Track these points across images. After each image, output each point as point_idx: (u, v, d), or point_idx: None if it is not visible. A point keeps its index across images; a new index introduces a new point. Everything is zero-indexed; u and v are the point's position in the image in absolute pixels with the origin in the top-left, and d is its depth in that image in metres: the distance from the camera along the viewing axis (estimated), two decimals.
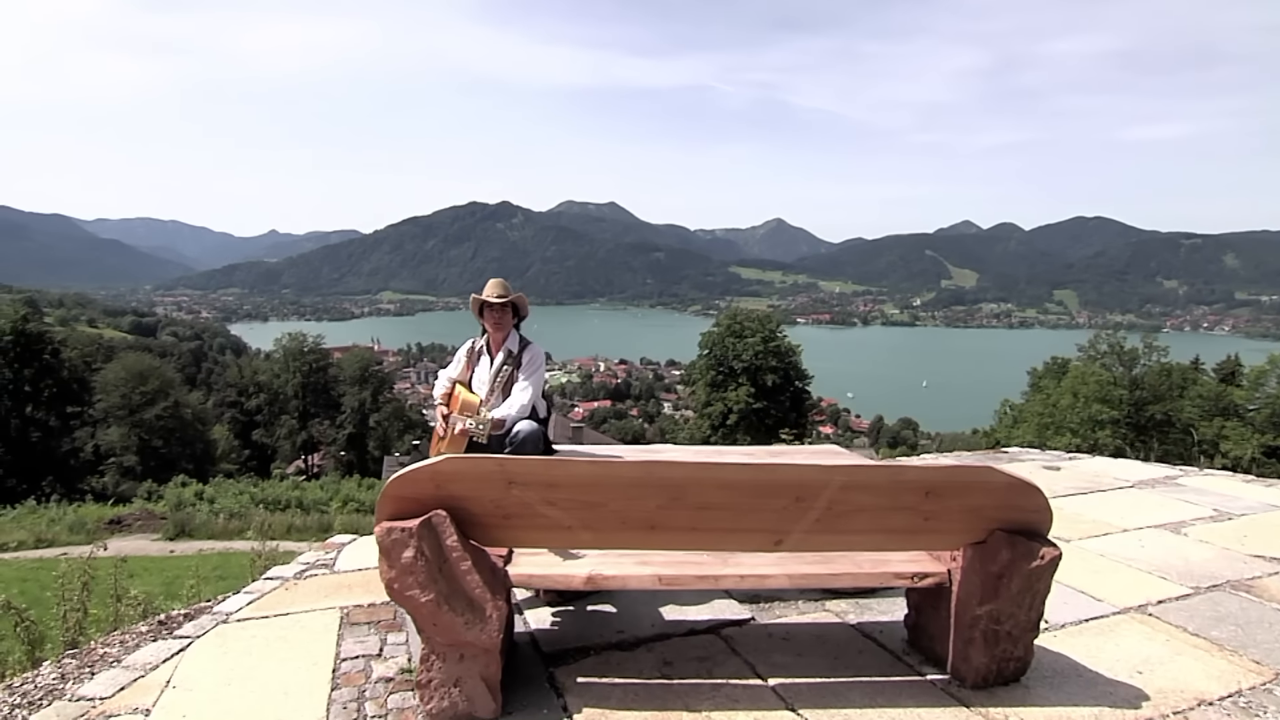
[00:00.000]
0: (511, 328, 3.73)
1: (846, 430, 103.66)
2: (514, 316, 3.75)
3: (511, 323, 3.73)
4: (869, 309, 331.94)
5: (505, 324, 3.69)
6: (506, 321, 3.69)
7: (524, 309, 3.79)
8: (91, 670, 3.04)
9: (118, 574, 5.08)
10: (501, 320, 3.67)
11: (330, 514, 25.62)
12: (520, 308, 3.77)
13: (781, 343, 41.16)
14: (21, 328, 40.17)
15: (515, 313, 3.76)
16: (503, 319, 3.68)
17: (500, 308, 3.65)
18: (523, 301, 3.77)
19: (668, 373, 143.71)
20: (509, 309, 3.70)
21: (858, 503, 2.44)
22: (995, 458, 6.72)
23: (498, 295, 3.67)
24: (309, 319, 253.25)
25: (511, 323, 3.73)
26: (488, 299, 3.67)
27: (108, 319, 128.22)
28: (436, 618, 2.46)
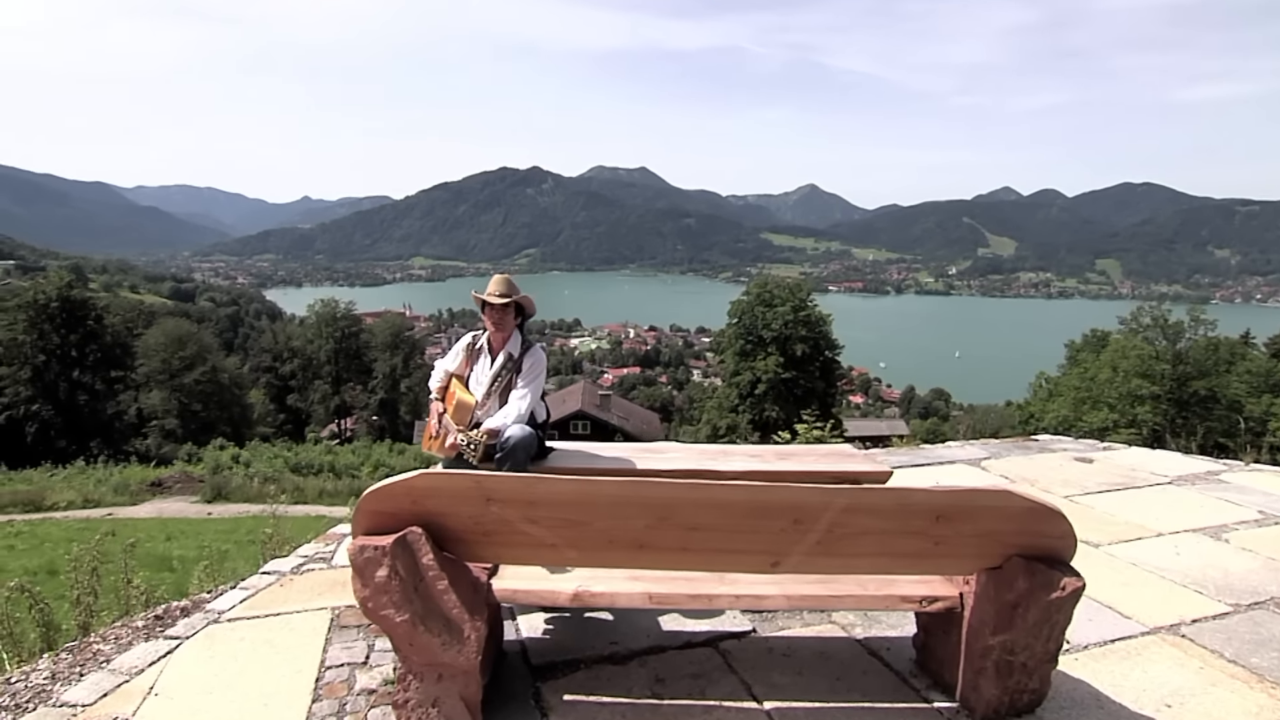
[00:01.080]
0: (514, 329, 3.53)
1: (877, 400, 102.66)
2: (517, 317, 3.54)
3: (514, 323, 3.52)
4: (903, 277, 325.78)
5: (507, 325, 3.49)
6: (508, 322, 3.49)
7: (530, 309, 3.58)
8: (81, 670, 3.01)
9: (126, 557, 5.09)
10: (503, 320, 3.47)
11: (361, 479, 26.17)
12: (525, 308, 3.56)
13: (812, 312, 40.55)
14: (66, 294, 41.27)
15: (520, 313, 3.55)
16: (504, 319, 3.47)
17: (502, 308, 3.44)
18: (528, 302, 3.55)
19: (697, 340, 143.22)
20: (511, 309, 3.48)
21: (861, 526, 2.26)
22: (1025, 446, 6.44)
23: (500, 294, 3.45)
24: (341, 285, 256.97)
25: (514, 323, 3.52)
26: (489, 297, 3.46)
27: (148, 285, 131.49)
28: (413, 638, 2.35)
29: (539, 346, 3.53)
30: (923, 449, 6.33)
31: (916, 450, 6.24)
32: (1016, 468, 5.67)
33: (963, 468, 5.67)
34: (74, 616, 4.74)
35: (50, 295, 40.39)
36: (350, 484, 23.70)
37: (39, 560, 12.18)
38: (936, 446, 6.45)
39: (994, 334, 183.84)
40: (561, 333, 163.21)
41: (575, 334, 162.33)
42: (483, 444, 3.16)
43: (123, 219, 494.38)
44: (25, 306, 40.08)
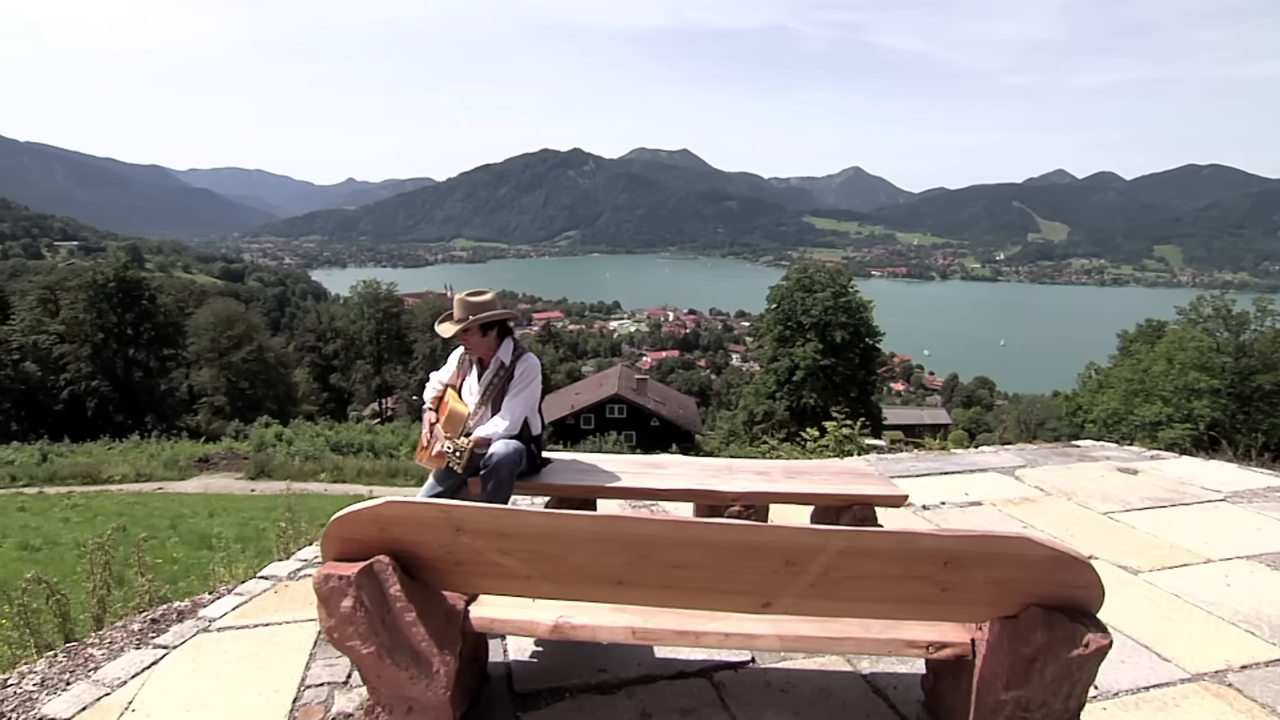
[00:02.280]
0: (498, 340, 3.35)
1: (919, 388, 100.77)
2: (491, 332, 3.33)
3: (493, 341, 3.33)
4: (948, 262, 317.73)
5: (480, 346, 3.31)
6: (480, 344, 3.30)
7: (508, 320, 3.38)
8: (69, 679, 2.98)
9: (140, 550, 5.12)
10: (474, 344, 3.29)
11: (399, 458, 26.58)
12: (504, 322, 3.36)
13: (852, 298, 39.76)
14: (122, 275, 42.73)
15: (495, 327, 3.35)
16: (473, 343, 3.29)
17: (463, 334, 3.25)
18: (505, 315, 3.34)
19: (737, 324, 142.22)
20: (475, 331, 3.27)
21: (860, 569, 2.05)
22: (1064, 453, 6.09)
23: (458, 319, 3.25)
24: (385, 266, 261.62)
25: (493, 341, 3.33)
26: (444, 332, 3.28)
27: (200, 265, 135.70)
28: (380, 670, 2.24)
29: (531, 354, 3.37)
30: (954, 454, 6.02)
31: (946, 455, 5.95)
32: (1053, 478, 5.34)
33: (995, 476, 5.37)
34: (89, 608, 4.78)
35: (108, 276, 41.87)
36: (388, 464, 24.08)
37: (89, 533, 12.61)
38: (968, 452, 6.14)
39: (1042, 322, 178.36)
40: (601, 315, 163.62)
41: (614, 316, 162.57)
42: (468, 451, 3.02)
43: (177, 201, 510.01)
44: (85, 286, 41.65)
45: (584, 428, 41.99)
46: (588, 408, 44.54)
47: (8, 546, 11.68)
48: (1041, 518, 4.50)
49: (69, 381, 39.93)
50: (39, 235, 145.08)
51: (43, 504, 16.26)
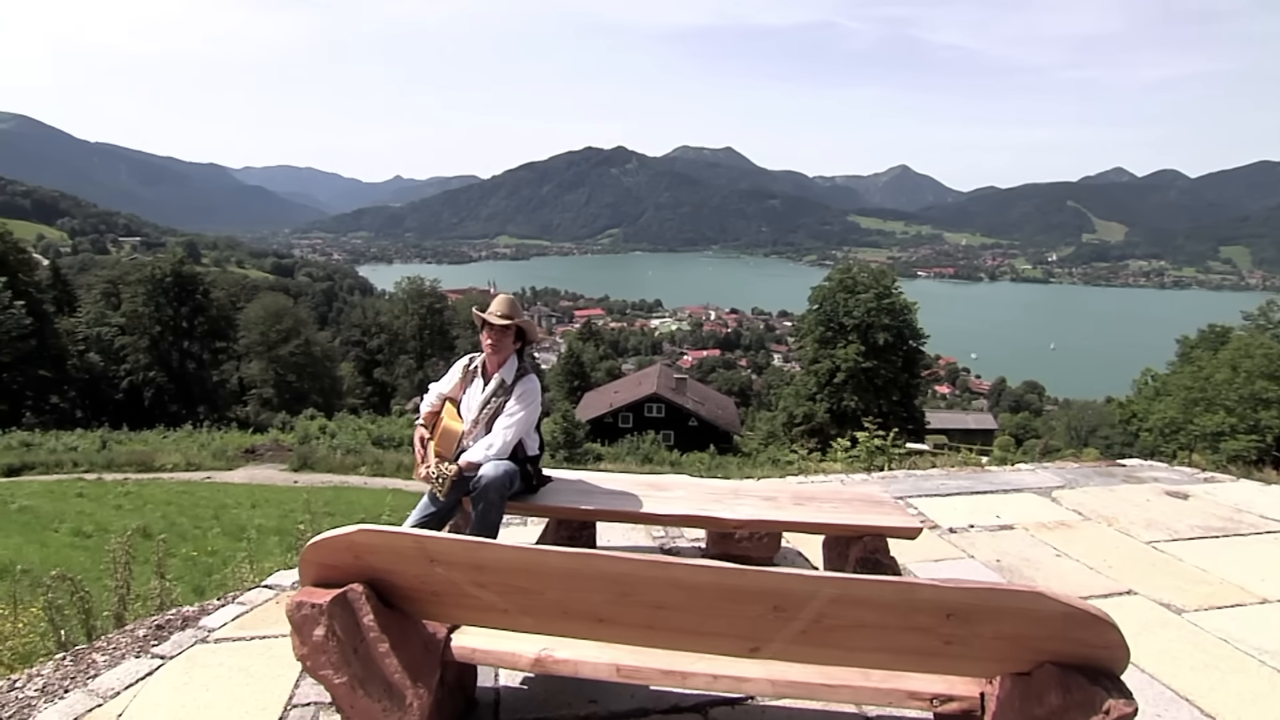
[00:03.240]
0: (512, 353, 3.29)
1: (965, 391, 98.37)
2: (517, 341, 3.29)
3: (512, 348, 3.28)
4: (998, 263, 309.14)
5: (505, 348, 3.25)
6: (506, 345, 3.25)
7: (532, 334, 3.33)
8: (68, 686, 2.99)
9: (159, 551, 5.19)
10: (500, 343, 3.23)
11: None
12: (527, 332, 3.31)
13: (896, 299, 38.93)
14: (178, 270, 44.24)
15: (520, 337, 3.30)
16: (502, 342, 3.23)
17: (501, 329, 3.20)
18: (530, 327, 3.31)
19: (779, 324, 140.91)
20: (511, 332, 3.23)
21: (854, 618, 1.90)
22: (1108, 473, 5.76)
23: (501, 314, 3.21)
24: (430, 262, 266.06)
25: (512, 348, 3.28)
26: (489, 317, 3.23)
27: (253, 260, 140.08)
28: (352, 700, 2.16)
29: (534, 375, 3.28)
30: (988, 472, 5.74)
31: (980, 473, 5.67)
32: (1093, 501, 5.05)
33: (1030, 498, 5.10)
34: (111, 606, 4.86)
35: (165, 271, 43.41)
36: None
37: (139, 521, 13.03)
38: (1003, 469, 5.85)
39: (1096, 325, 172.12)
40: (642, 313, 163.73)
41: (656, 314, 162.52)
42: (449, 479, 2.93)
43: (232, 198, 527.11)
44: (144, 281, 43.25)
45: (622, 426, 41.97)
46: (626, 406, 44.52)
47: (63, 532, 12.12)
48: (1077, 545, 4.23)
49: (128, 372, 41.54)
50: (105, 231, 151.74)
51: (99, 490, 16.83)
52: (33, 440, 26.20)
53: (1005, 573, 3.82)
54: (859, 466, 7.44)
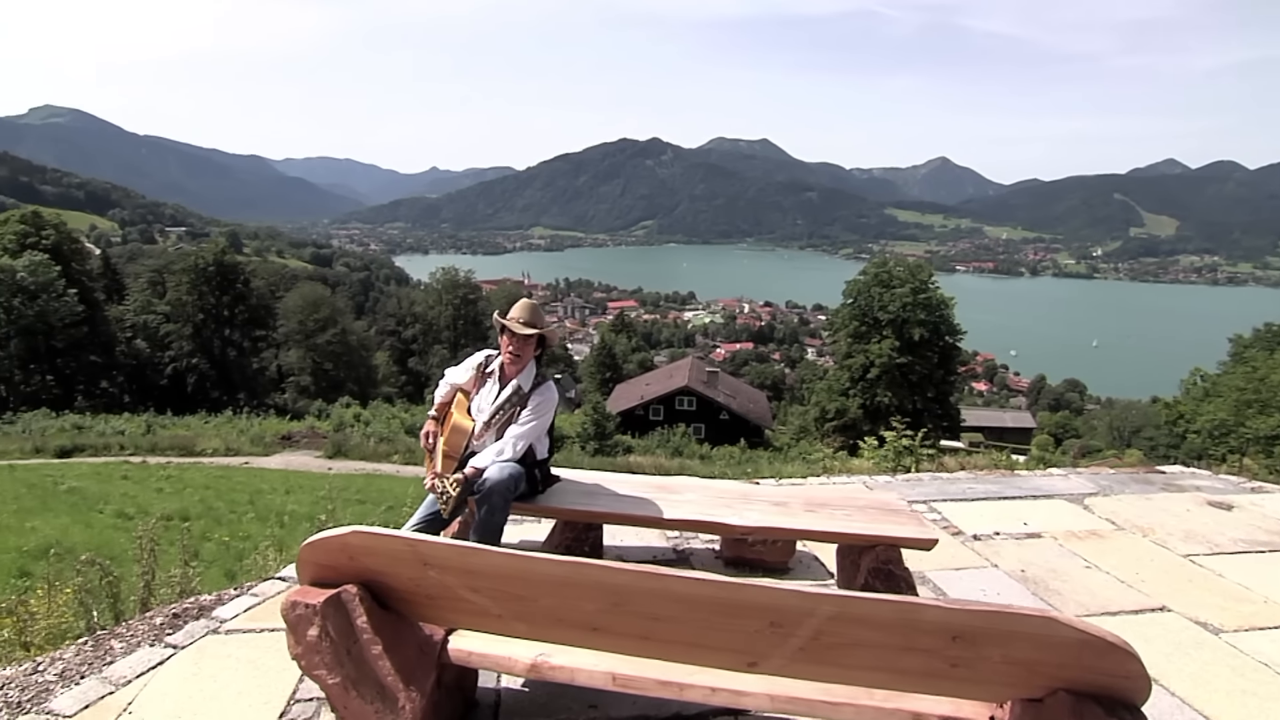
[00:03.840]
0: (531, 360, 3.22)
1: (1003, 388, 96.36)
2: (538, 348, 3.23)
3: (532, 356, 3.21)
4: (1039, 258, 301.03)
5: (526, 356, 3.17)
6: (528, 353, 3.17)
7: (552, 341, 3.28)
8: (84, 671, 3.05)
9: (185, 537, 5.28)
10: (522, 352, 3.15)
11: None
12: (549, 340, 3.26)
13: (933, 294, 38.23)
14: (220, 259, 45.33)
15: (540, 344, 3.24)
16: (524, 350, 3.15)
17: (524, 339, 3.12)
18: (554, 336, 3.25)
19: (813, 317, 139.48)
20: (533, 341, 3.16)
21: (854, 637, 1.82)
22: (1146, 480, 5.53)
23: (525, 322, 3.13)
24: (465, 252, 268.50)
25: (532, 356, 3.21)
26: (512, 324, 3.14)
27: (292, 250, 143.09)
28: (345, 701, 2.15)
29: (552, 383, 3.21)
30: (1017, 476, 5.56)
31: (1009, 478, 5.49)
32: (1128, 509, 4.84)
33: (1061, 504, 4.91)
34: (138, 590, 4.95)
35: (207, 260, 44.54)
36: None
37: (177, 504, 13.40)
38: (1034, 474, 5.65)
39: (1142, 323, 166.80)
40: (675, 305, 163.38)
41: (689, 307, 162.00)
42: (453, 497, 2.89)
43: (273, 189, 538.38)
44: (187, 270, 44.46)
45: (653, 419, 41.95)
46: (657, 399, 44.47)
47: (107, 513, 12.50)
48: (1108, 556, 4.06)
49: (172, 358, 42.77)
50: (153, 221, 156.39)
51: (143, 473, 17.31)
52: (83, 423, 27.18)
53: (1030, 584, 3.68)
54: (885, 467, 7.28)
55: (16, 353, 35.50)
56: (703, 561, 3.83)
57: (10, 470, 16.78)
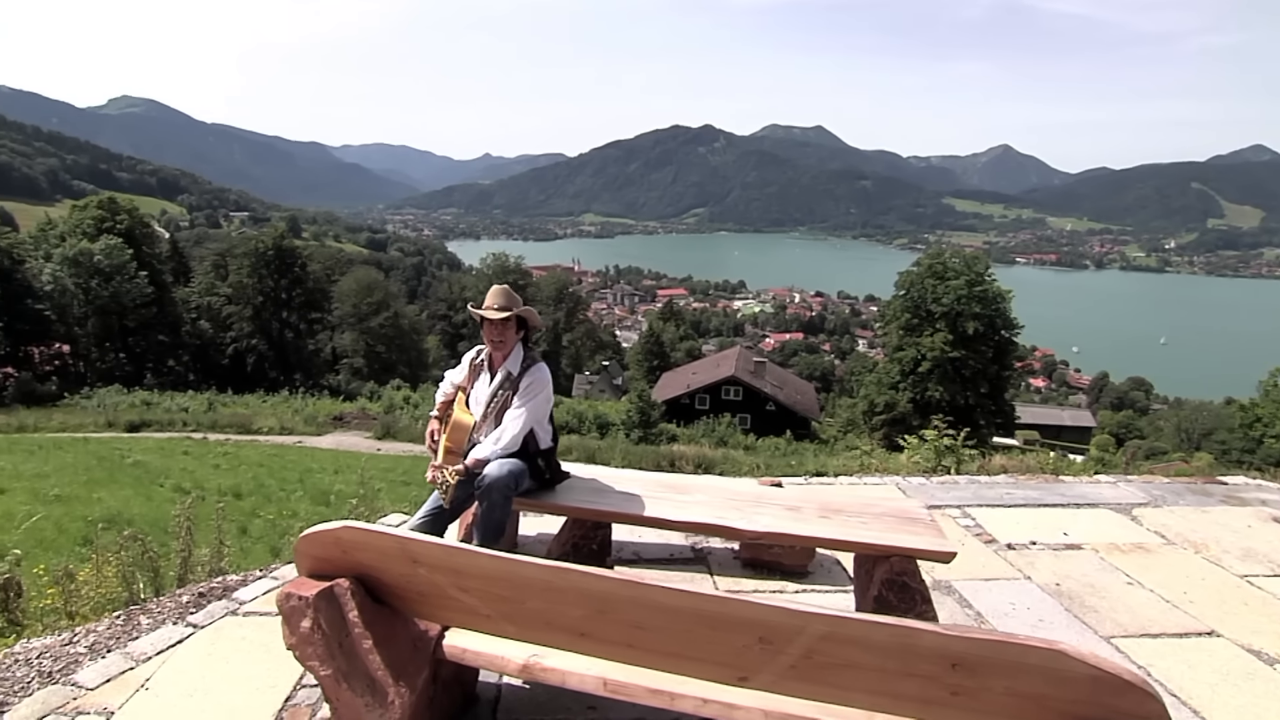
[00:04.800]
0: (516, 344, 3.22)
1: (1062, 385, 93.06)
2: (520, 331, 3.22)
3: (515, 339, 3.21)
4: (1106, 250, 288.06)
5: (507, 341, 3.18)
6: (509, 338, 3.18)
7: (534, 323, 3.27)
8: (111, 645, 3.15)
9: (220, 517, 5.43)
10: (503, 337, 3.16)
11: None
12: (529, 321, 3.24)
13: (989, 287, 37.05)
14: (279, 244, 46.78)
15: (523, 326, 3.23)
16: (504, 335, 3.16)
17: (501, 323, 3.12)
18: (531, 315, 3.23)
19: (865, 308, 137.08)
20: (512, 324, 3.16)
21: (848, 658, 1.73)
22: (1204, 491, 5.21)
23: (499, 307, 3.12)
24: (516, 238, 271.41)
25: (515, 339, 3.21)
26: (485, 312, 3.14)
27: (349, 235, 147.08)
28: (337, 693, 2.16)
29: (542, 364, 3.20)
30: (1061, 482, 5.29)
31: (1051, 483, 5.23)
32: (1181, 522, 4.56)
33: (1106, 514, 4.65)
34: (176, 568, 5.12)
35: (267, 245, 46.03)
36: None
37: (232, 481, 13.88)
38: (1079, 480, 5.37)
39: (1217, 320, 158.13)
40: (725, 294, 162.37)
41: (739, 296, 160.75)
42: (453, 485, 2.89)
43: (331, 175, 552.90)
44: (248, 254, 46.04)
45: (699, 408, 41.80)
46: (703, 388, 44.29)
47: (167, 487, 13.02)
48: (1154, 573, 3.82)
49: (234, 339, 44.44)
50: (218, 206, 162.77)
51: (202, 449, 17.98)
52: (151, 399, 28.50)
53: (1064, 599, 3.49)
54: (926, 466, 7.05)
55: (93, 331, 37.36)
56: (720, 562, 3.75)
57: (85, 443, 17.63)
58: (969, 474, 5.90)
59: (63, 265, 35.51)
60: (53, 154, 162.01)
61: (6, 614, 4.19)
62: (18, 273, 33.95)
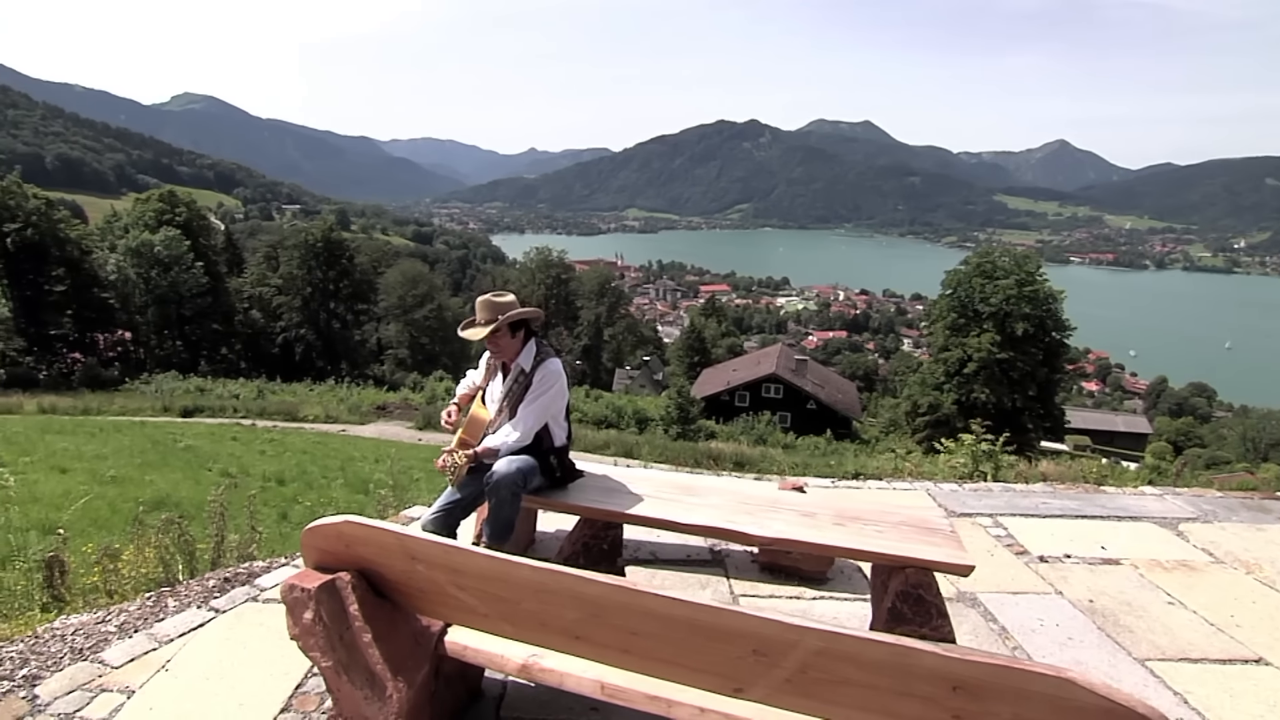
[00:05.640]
0: (522, 344, 3.22)
1: (1117, 390, 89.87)
2: (519, 332, 3.21)
3: (515, 343, 3.20)
4: (1168, 249, 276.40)
5: (506, 348, 3.18)
6: (506, 345, 3.17)
7: (533, 319, 3.25)
8: (138, 625, 3.25)
9: (253, 504, 5.56)
10: (499, 346, 3.17)
11: None
12: (529, 321, 3.24)
13: (1040, 287, 35.92)
14: (328, 236, 47.94)
15: (522, 326, 3.22)
16: (499, 345, 3.16)
17: (491, 336, 3.12)
18: (528, 314, 3.20)
19: (911, 307, 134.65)
20: (504, 333, 3.14)
21: (843, 674, 1.66)
22: (1261, 507, 4.91)
23: (483, 322, 3.12)
24: (560, 233, 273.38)
25: (515, 343, 3.20)
26: (469, 335, 3.16)
27: (396, 228, 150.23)
28: (338, 685, 2.18)
29: (555, 360, 3.19)
30: (1102, 493, 5.06)
31: (1092, 494, 5.01)
32: (1232, 540, 4.32)
33: (1149, 528, 4.43)
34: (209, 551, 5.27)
35: (316, 237, 47.22)
36: None
37: (276, 467, 14.25)
38: (1122, 491, 5.13)
39: None
40: (769, 291, 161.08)
41: (783, 292, 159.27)
42: (461, 470, 2.90)
43: (380, 169, 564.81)
44: (298, 246, 47.30)
45: (739, 405, 41.54)
46: (743, 385, 43.99)
47: (214, 472, 13.45)
48: (1198, 593, 3.62)
49: (283, 329, 45.74)
50: (271, 199, 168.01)
51: (250, 435, 18.51)
52: (205, 386, 29.51)
53: (1097, 617, 3.33)
54: (963, 472, 6.85)
55: (152, 319, 38.88)
56: (738, 565, 3.69)
57: (141, 426, 18.30)
58: (1005, 481, 5.70)
59: (126, 256, 37.02)
60: (120, 149, 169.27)
61: (51, 590, 4.36)
62: (85, 263, 35.55)
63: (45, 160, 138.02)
